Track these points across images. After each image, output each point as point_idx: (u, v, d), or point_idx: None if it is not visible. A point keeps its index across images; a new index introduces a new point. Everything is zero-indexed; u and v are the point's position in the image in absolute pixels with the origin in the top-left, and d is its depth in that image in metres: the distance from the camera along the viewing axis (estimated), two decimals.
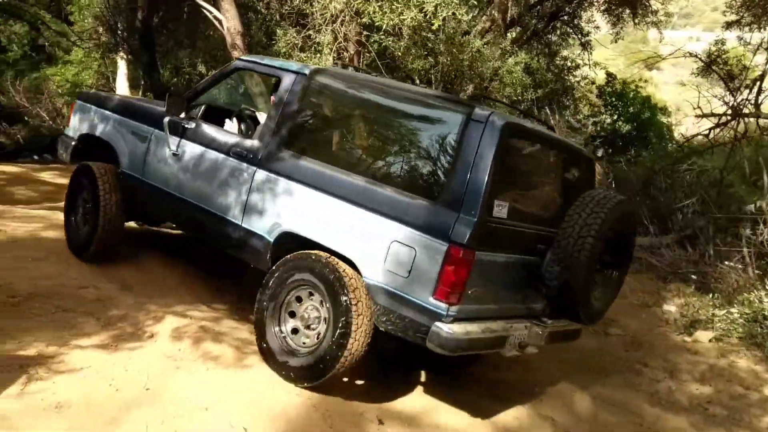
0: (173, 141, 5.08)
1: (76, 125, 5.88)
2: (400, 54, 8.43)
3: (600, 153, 12.66)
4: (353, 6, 7.72)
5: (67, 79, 17.88)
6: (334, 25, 8.32)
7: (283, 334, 4.16)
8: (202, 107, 5.47)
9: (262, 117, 5.58)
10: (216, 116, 5.48)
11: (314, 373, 3.95)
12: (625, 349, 6.44)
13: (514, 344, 4.08)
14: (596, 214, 4.07)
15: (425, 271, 3.73)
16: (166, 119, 5.11)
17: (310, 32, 9.52)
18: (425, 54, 9.37)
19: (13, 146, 16.42)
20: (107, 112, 5.64)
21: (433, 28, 7.38)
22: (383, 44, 8.74)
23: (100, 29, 16.70)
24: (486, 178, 3.71)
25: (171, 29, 15.95)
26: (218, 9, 9.57)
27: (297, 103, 4.60)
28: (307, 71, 4.67)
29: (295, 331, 4.17)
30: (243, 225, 4.58)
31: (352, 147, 4.56)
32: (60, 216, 6.06)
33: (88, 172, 5.38)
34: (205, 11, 9.91)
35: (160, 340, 4.32)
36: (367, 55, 9.80)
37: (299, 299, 4.17)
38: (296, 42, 9.73)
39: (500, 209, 3.85)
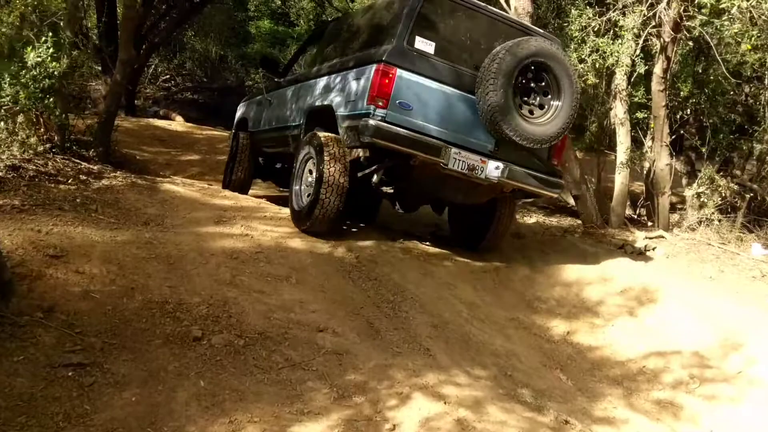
0: (266, 92, 7.49)
1: (238, 114, 8.62)
2: (741, 42, 6.39)
3: None
4: None
5: None
6: (656, 9, 6.49)
7: (298, 192, 5.65)
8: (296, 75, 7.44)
9: None
10: None
11: (306, 216, 5.37)
12: None
13: (458, 164, 5.17)
14: (504, 53, 5.10)
15: (364, 89, 5.13)
16: (262, 72, 7.82)
17: (613, 14, 7.81)
18: (761, 44, 7.15)
19: None
20: (250, 100, 8.37)
21: None
22: (718, 30, 6.72)
23: None
24: (408, 20, 5.10)
25: None
26: None
27: (330, 39, 6.67)
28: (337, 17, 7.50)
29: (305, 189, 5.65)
30: (292, 124, 6.41)
31: (342, 46, 6.23)
32: None
33: (235, 135, 7.98)
34: None
35: None
36: (686, 44, 7.79)
37: (310, 172, 5.51)
38: (593, 25, 8.10)
39: (424, 45, 5.12)
